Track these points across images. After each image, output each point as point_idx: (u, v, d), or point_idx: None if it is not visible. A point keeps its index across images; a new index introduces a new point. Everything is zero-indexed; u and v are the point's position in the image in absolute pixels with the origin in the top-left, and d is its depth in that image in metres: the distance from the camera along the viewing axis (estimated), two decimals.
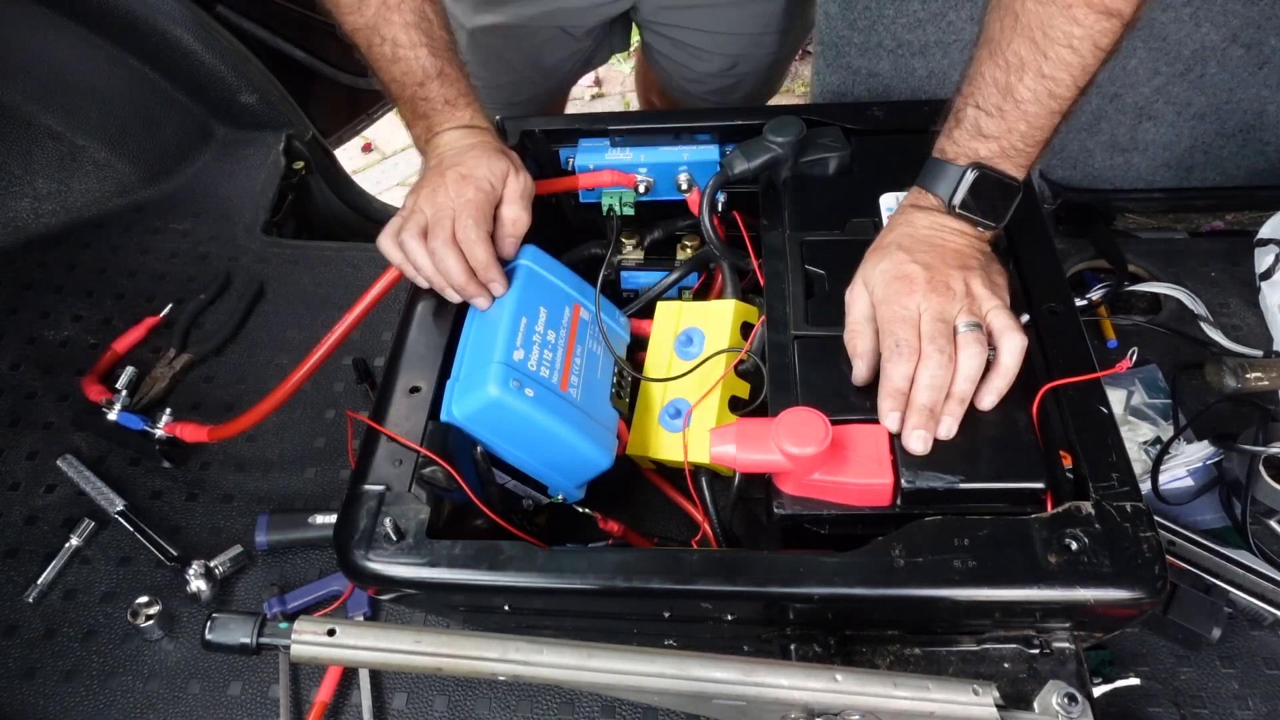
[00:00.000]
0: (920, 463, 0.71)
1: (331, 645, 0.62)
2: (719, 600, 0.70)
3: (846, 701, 0.60)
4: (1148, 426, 0.99)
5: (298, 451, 1.07)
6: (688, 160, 1.00)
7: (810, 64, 1.35)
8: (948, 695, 0.61)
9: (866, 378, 0.75)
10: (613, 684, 0.61)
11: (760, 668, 0.61)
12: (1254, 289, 1.09)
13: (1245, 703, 0.82)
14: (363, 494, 0.76)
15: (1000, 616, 0.69)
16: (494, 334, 0.82)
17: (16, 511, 1.04)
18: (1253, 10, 1.12)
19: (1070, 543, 0.66)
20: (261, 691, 0.89)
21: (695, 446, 0.84)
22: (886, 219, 0.89)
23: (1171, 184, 1.31)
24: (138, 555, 0.99)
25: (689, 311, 0.95)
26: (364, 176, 2.71)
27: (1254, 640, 0.86)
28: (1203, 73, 1.19)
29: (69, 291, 1.26)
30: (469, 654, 0.61)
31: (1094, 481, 0.70)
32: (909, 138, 0.96)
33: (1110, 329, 1.07)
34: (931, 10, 1.11)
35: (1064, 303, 0.81)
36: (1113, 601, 0.65)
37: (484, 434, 0.80)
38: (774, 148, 0.91)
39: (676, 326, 0.94)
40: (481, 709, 0.87)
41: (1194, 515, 0.93)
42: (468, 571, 0.72)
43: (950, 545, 0.67)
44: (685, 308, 0.95)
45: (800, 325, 0.82)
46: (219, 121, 1.47)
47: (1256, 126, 1.23)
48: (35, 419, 1.12)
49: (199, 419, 1.10)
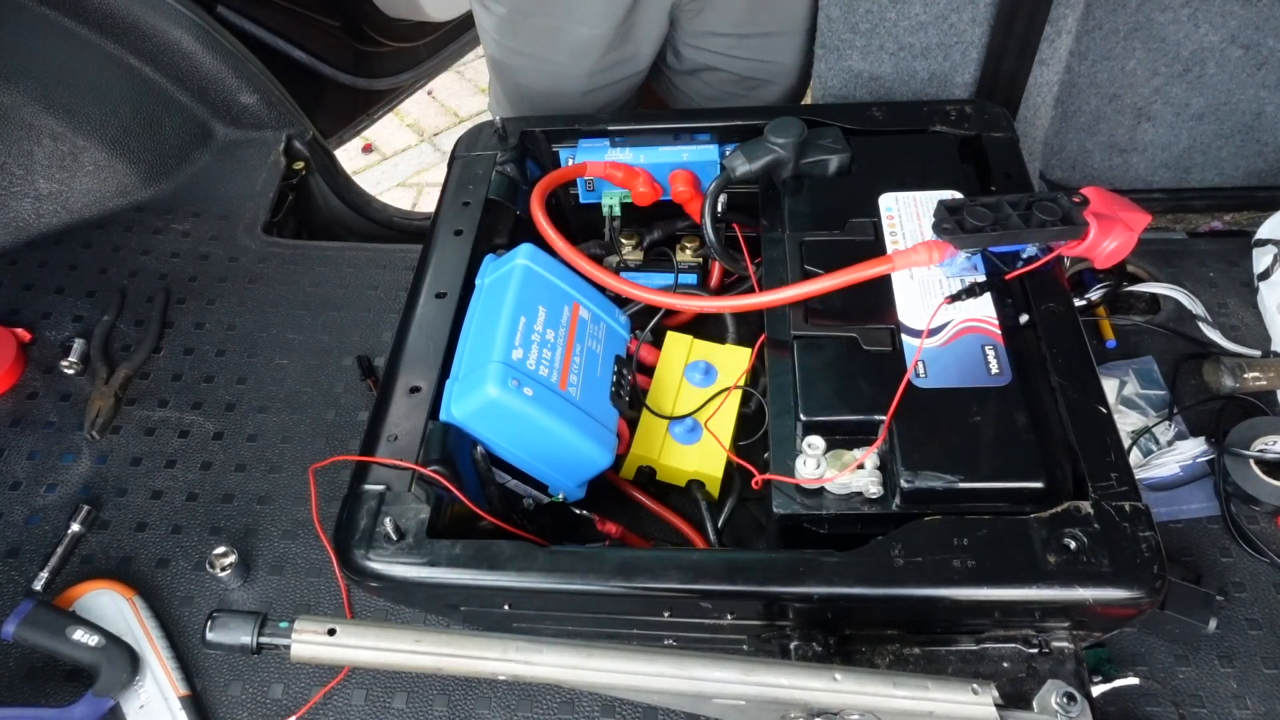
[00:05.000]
0: (920, 462, 0.71)
1: (331, 645, 0.62)
2: (719, 600, 0.70)
3: (846, 701, 0.60)
4: (1137, 416, 0.99)
5: (298, 452, 1.07)
6: (687, 160, 1.01)
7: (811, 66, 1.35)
8: (947, 695, 0.61)
9: None
10: (613, 684, 0.61)
11: (760, 668, 0.61)
12: (1252, 289, 1.09)
13: (1244, 702, 0.83)
14: (363, 494, 0.76)
15: (999, 616, 0.69)
16: (493, 333, 0.82)
17: (17, 511, 1.04)
18: (1251, 11, 1.12)
19: (1069, 542, 0.67)
20: (262, 691, 0.89)
21: (704, 458, 0.88)
22: (886, 220, 0.89)
23: (1170, 184, 1.31)
24: (138, 555, 0.99)
25: (700, 347, 0.97)
26: (364, 177, 2.71)
27: (1252, 639, 0.86)
28: (1201, 73, 1.19)
29: (70, 291, 1.26)
30: (469, 654, 0.62)
31: (1093, 481, 0.70)
32: (909, 138, 0.97)
33: (1109, 329, 1.07)
34: (933, 13, 1.11)
35: (1063, 303, 0.82)
36: (1111, 601, 0.65)
37: (484, 433, 0.80)
38: (775, 149, 0.92)
39: (687, 357, 0.96)
40: (481, 709, 0.87)
41: (1181, 503, 0.94)
42: (468, 571, 0.72)
43: (950, 545, 0.67)
44: (696, 343, 0.98)
45: (800, 325, 0.82)
46: (219, 122, 1.47)
47: (1255, 127, 1.24)
48: (36, 418, 1.12)
49: (200, 418, 1.10)
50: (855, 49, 1.16)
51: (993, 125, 0.97)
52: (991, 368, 0.77)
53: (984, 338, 0.79)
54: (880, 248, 0.87)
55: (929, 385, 0.76)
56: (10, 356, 1.14)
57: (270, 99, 1.47)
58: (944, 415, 0.74)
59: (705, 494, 0.89)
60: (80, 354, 1.15)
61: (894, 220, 0.89)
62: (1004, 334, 0.79)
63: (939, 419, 0.74)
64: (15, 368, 1.15)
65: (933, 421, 0.74)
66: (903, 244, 0.87)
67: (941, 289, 0.83)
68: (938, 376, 0.77)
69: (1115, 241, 0.81)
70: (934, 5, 1.11)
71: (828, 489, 0.73)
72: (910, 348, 0.79)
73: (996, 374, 0.76)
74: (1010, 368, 0.77)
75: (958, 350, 0.78)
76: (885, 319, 0.81)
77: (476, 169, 0.98)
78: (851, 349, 0.80)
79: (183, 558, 0.99)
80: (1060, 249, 0.81)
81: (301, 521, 1.01)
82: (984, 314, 0.81)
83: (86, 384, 1.14)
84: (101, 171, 1.37)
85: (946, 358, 0.78)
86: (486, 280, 0.90)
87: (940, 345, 0.79)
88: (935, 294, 0.83)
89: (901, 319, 0.81)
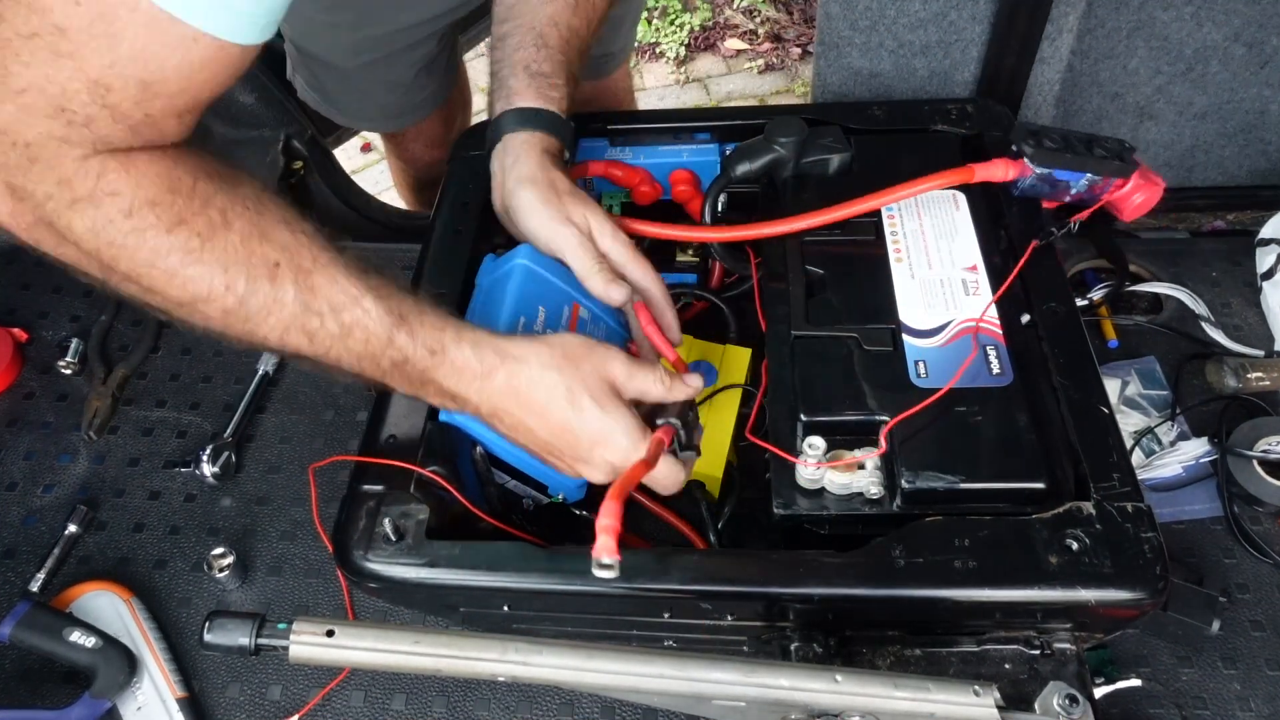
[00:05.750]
0: (920, 463, 0.71)
1: (330, 646, 0.62)
2: (719, 601, 0.70)
3: (847, 702, 0.60)
4: (1139, 416, 0.99)
5: (296, 453, 1.06)
6: (687, 160, 1.00)
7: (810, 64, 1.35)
8: (948, 696, 0.60)
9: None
10: (613, 684, 0.61)
11: (760, 668, 0.61)
12: (1255, 289, 1.08)
13: (1247, 704, 0.82)
14: (362, 494, 0.76)
15: (1001, 617, 0.69)
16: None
17: (14, 512, 1.03)
18: (1254, 9, 1.12)
19: (1071, 543, 0.66)
20: (260, 692, 0.89)
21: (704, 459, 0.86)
22: (886, 219, 0.89)
23: (1173, 183, 1.30)
24: (135, 556, 0.99)
25: (700, 347, 0.97)
26: (363, 176, 2.70)
27: (1256, 641, 0.86)
28: (1204, 72, 1.19)
29: (67, 291, 1.25)
30: (469, 654, 0.61)
31: (1095, 482, 0.70)
32: (910, 137, 0.97)
33: (1111, 329, 1.07)
34: (933, 10, 1.11)
35: (1065, 303, 0.81)
36: (1114, 602, 0.65)
37: (483, 434, 0.79)
38: (776, 148, 0.91)
39: (686, 357, 0.96)
40: (481, 710, 0.87)
41: (1183, 504, 0.93)
42: (467, 572, 0.72)
43: (951, 545, 0.67)
44: (696, 343, 0.97)
45: (800, 325, 0.81)
46: (217, 121, 1.47)
47: (1258, 126, 1.23)
48: (33, 419, 1.11)
49: (198, 419, 1.09)
50: (855, 46, 1.16)
51: (994, 124, 0.96)
52: (993, 367, 0.77)
53: (985, 337, 0.79)
54: (882, 247, 0.86)
55: (929, 385, 0.76)
56: (7, 356, 1.14)
57: (268, 98, 1.46)
58: (945, 415, 0.74)
59: (705, 494, 0.89)
60: (77, 354, 1.15)
61: (894, 220, 0.89)
62: (1005, 334, 0.79)
63: (940, 419, 0.74)
64: (12, 368, 1.14)
65: (934, 422, 0.73)
66: (903, 244, 0.87)
67: (942, 289, 0.83)
68: (938, 376, 0.76)
69: (1143, 195, 0.90)
70: (933, 2, 1.10)
71: (828, 489, 0.73)
72: (910, 348, 0.79)
73: (998, 374, 0.76)
74: (1012, 368, 0.76)
75: (959, 350, 0.78)
76: (886, 319, 0.81)
77: (476, 168, 0.97)
78: (852, 349, 0.79)
79: (180, 558, 0.99)
80: (1105, 194, 0.90)
81: (300, 522, 1.00)
82: (985, 313, 0.80)
83: (84, 384, 1.14)
84: None
85: (947, 357, 0.78)
86: (486, 280, 0.89)
87: (941, 345, 0.79)
88: (935, 294, 0.82)
89: (902, 319, 0.81)
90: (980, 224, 0.88)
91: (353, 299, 0.67)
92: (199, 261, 0.63)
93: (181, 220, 0.62)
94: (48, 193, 0.61)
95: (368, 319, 0.67)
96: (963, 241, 0.86)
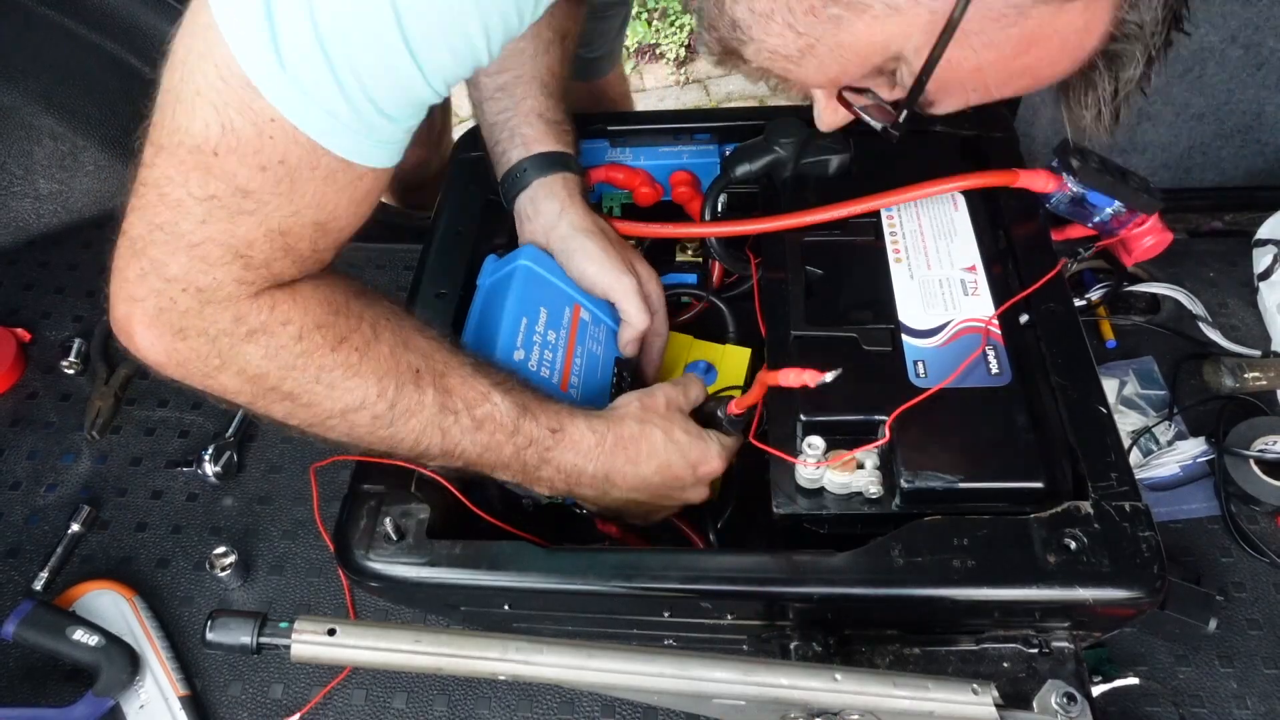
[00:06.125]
0: (920, 462, 0.71)
1: (332, 644, 0.62)
2: (719, 600, 0.70)
3: (846, 701, 0.60)
4: (1137, 416, 0.99)
5: (298, 452, 1.07)
6: (688, 161, 1.01)
7: None
8: (947, 695, 0.61)
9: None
10: (613, 684, 0.61)
11: (760, 668, 0.61)
12: (1252, 289, 1.09)
13: (1244, 702, 0.83)
14: (363, 493, 0.76)
15: (999, 616, 0.69)
16: (494, 335, 0.82)
17: (17, 511, 1.04)
18: (1251, 11, 1.12)
19: (1069, 542, 0.67)
20: (262, 691, 0.89)
21: None
22: (886, 220, 0.89)
23: (1170, 184, 1.31)
24: (138, 555, 0.99)
25: (700, 347, 0.97)
26: None
27: (1253, 639, 0.86)
28: (1201, 73, 1.19)
29: (70, 292, 1.25)
30: (469, 654, 0.62)
31: (1093, 481, 0.70)
32: (909, 138, 0.97)
33: (1109, 329, 1.07)
34: None
35: (1063, 303, 0.82)
36: (1112, 601, 0.65)
37: None
38: (776, 149, 0.92)
39: (686, 357, 0.96)
40: (482, 709, 0.87)
41: (1181, 503, 0.94)
42: (467, 572, 0.72)
43: (950, 545, 0.67)
44: (696, 343, 0.97)
45: (800, 325, 0.82)
46: None
47: (1255, 127, 1.24)
48: (36, 418, 1.12)
49: (200, 418, 1.10)
50: None
51: (993, 125, 0.97)
52: (991, 367, 0.77)
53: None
54: (881, 248, 0.87)
55: (929, 385, 0.76)
56: (10, 356, 1.14)
57: None
58: (944, 415, 0.74)
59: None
60: (80, 354, 1.15)
61: (894, 220, 0.89)
62: (1004, 334, 0.79)
63: (939, 419, 0.74)
64: (15, 368, 1.15)
65: (932, 421, 0.74)
66: (903, 244, 0.87)
67: (941, 289, 0.83)
68: (937, 376, 0.77)
69: (1154, 239, 0.92)
70: None
71: (828, 489, 0.73)
72: (910, 347, 0.79)
73: (996, 374, 0.76)
74: (1010, 367, 0.77)
75: (958, 350, 0.78)
76: (885, 319, 0.81)
77: (476, 170, 0.98)
78: (851, 349, 0.80)
79: (183, 558, 0.99)
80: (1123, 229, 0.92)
81: (301, 521, 1.01)
82: (984, 314, 0.81)
83: (86, 384, 1.14)
84: (101, 171, 1.37)
85: (946, 357, 0.78)
86: (487, 281, 0.90)
87: (940, 345, 0.79)
88: (935, 294, 0.83)
89: (901, 319, 0.81)
90: (979, 225, 0.88)
91: (482, 395, 0.72)
92: (357, 374, 0.67)
93: (343, 338, 0.67)
94: (222, 329, 0.63)
95: (496, 411, 0.72)
96: (961, 242, 0.87)
